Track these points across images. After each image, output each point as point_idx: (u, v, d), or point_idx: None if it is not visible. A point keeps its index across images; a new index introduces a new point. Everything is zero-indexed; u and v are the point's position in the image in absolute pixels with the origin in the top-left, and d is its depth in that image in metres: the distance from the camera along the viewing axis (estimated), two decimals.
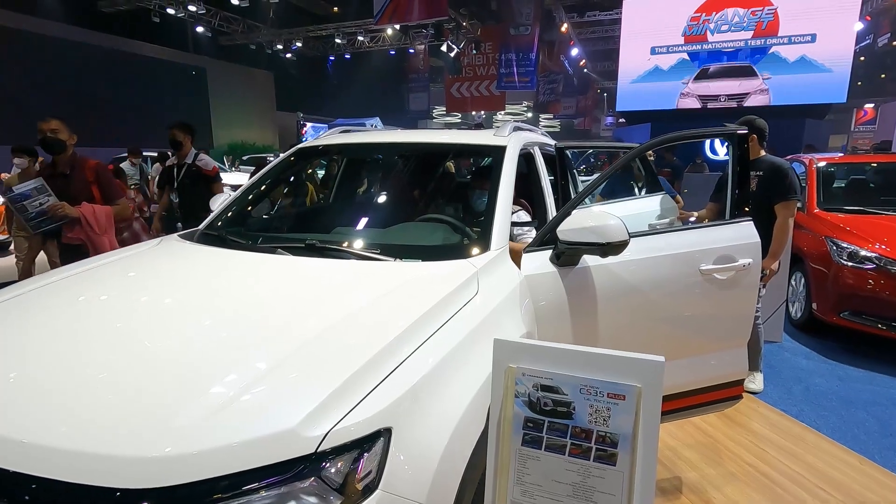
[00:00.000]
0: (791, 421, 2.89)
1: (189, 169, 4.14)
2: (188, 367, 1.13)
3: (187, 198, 4.17)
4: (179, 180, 4.15)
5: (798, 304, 4.37)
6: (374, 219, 2.37)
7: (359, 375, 1.08)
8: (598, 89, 28.78)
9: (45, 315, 1.44)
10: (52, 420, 1.01)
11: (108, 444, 0.95)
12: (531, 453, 1.00)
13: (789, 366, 3.66)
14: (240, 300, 1.46)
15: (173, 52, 17.95)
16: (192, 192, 4.13)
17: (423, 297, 1.39)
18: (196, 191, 4.09)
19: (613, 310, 1.92)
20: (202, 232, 2.12)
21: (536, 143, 2.49)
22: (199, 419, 0.98)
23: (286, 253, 1.77)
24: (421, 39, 18.85)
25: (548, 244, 1.85)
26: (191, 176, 4.14)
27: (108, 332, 1.31)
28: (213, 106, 19.52)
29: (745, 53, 12.52)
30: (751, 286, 2.09)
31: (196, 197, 4.03)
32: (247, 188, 2.45)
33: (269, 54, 19.67)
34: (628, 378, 0.93)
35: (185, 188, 4.16)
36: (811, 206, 4.47)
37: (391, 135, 2.83)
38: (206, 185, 4.12)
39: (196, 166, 4.13)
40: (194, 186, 4.13)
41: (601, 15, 18.47)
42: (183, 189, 4.16)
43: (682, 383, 2.12)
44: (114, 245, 2.93)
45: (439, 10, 12.96)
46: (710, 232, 2.14)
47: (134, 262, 1.85)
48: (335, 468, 0.96)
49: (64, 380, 1.12)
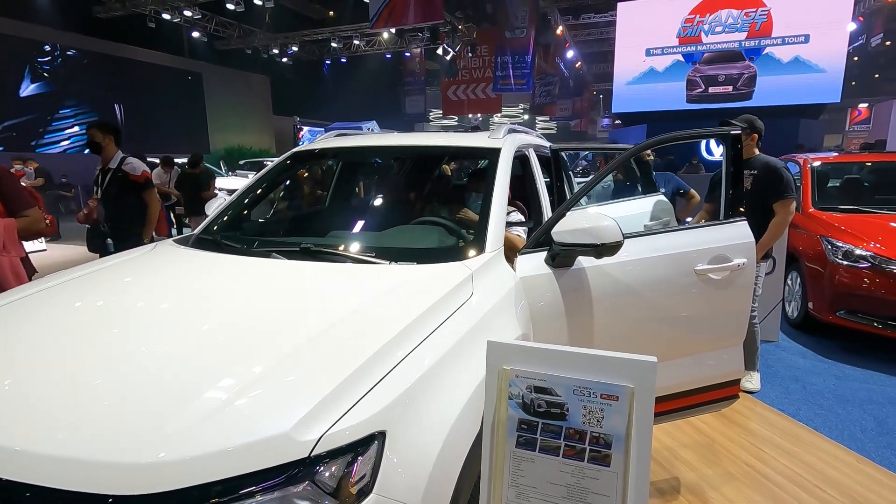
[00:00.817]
0: (788, 420, 2.89)
1: (114, 175, 3.56)
2: (181, 372, 1.13)
3: (113, 209, 3.62)
4: (104, 188, 3.58)
5: (794, 303, 4.38)
6: (369, 222, 2.37)
7: (353, 379, 1.08)
8: (594, 91, 28.90)
9: (38, 321, 1.43)
10: (45, 427, 1.00)
11: (101, 451, 0.95)
12: (525, 455, 1.00)
13: (786, 365, 3.67)
14: (234, 305, 1.46)
15: (169, 56, 17.98)
16: (118, 202, 3.60)
17: (418, 299, 1.39)
18: (124, 201, 3.59)
19: (609, 311, 1.92)
20: (197, 236, 2.12)
21: (531, 145, 2.50)
22: (193, 424, 0.98)
23: (281, 257, 1.77)
24: (417, 43, 18.90)
25: (543, 246, 1.85)
26: (117, 183, 3.56)
27: (102, 338, 1.30)
28: (209, 110, 19.54)
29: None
30: (746, 286, 2.09)
31: (124, 208, 3.59)
32: (242, 192, 2.45)
33: (265, 58, 19.69)
34: (621, 379, 0.93)
35: (110, 198, 3.59)
36: (806, 206, 4.49)
37: (387, 138, 2.84)
38: (136, 194, 3.60)
39: (122, 171, 3.56)
40: (121, 196, 3.59)
41: (596, 17, 18.56)
42: (108, 199, 3.59)
43: (679, 383, 2.13)
44: (14, 267, 2.28)
45: (435, 13, 12.99)
46: (705, 232, 2.15)
47: (128, 268, 1.85)
48: (329, 472, 0.95)
49: (57, 386, 1.11)
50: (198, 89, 19.22)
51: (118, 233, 3.62)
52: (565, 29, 18.74)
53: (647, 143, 2.16)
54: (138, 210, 3.66)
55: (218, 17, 16.98)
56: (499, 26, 17.71)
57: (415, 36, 18.42)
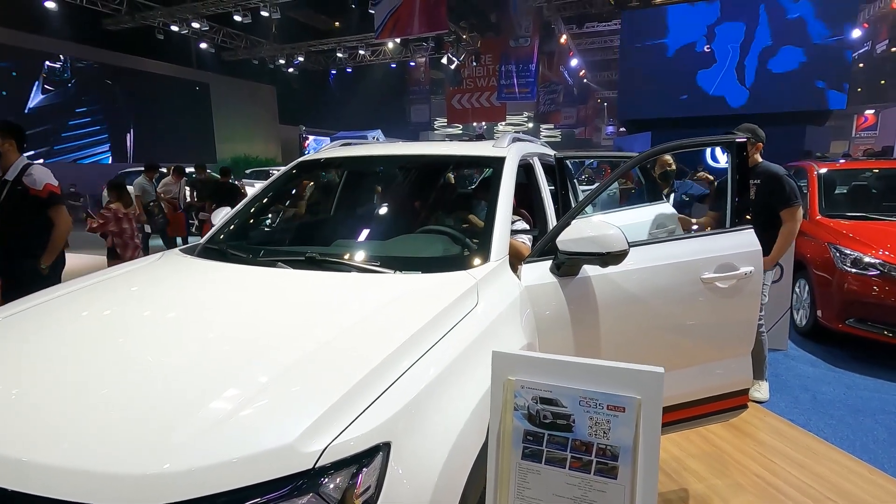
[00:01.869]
0: (798, 430, 2.85)
1: (13, 188, 2.94)
2: (186, 383, 1.13)
3: (9, 226, 2.96)
4: (0, 202, 2.96)
5: (803, 311, 4.34)
6: (374, 231, 2.37)
7: (358, 389, 1.07)
8: (598, 99, 28.95)
9: (46, 331, 1.44)
10: (50, 438, 1.01)
11: (106, 462, 0.95)
12: (531, 467, 0.99)
13: (795, 374, 3.63)
14: (240, 314, 1.46)
15: (177, 67, 18.22)
16: (15, 220, 2.96)
17: (423, 309, 1.39)
18: (23, 219, 2.96)
19: (615, 320, 1.91)
20: (204, 246, 2.13)
21: (536, 154, 2.50)
22: (198, 435, 0.97)
23: (287, 266, 1.78)
24: (421, 52, 19.05)
25: (548, 254, 1.85)
26: (15, 198, 2.94)
27: (109, 348, 1.31)
28: (216, 120, 19.74)
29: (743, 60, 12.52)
30: (753, 294, 2.07)
31: (23, 228, 2.97)
32: (248, 201, 2.46)
33: (271, 69, 19.90)
34: (628, 390, 0.92)
35: (6, 213, 2.95)
36: (813, 213, 4.46)
37: (391, 147, 2.85)
38: (37, 210, 2.98)
39: (22, 184, 2.93)
40: (19, 213, 2.95)
41: (600, 26, 18.64)
42: (4, 214, 2.95)
43: (687, 393, 2.11)
44: None
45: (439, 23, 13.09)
46: (711, 240, 2.14)
47: (135, 278, 1.86)
48: (334, 484, 0.95)
49: (62, 397, 1.12)
50: (205, 99, 19.44)
51: (10, 257, 2.99)
52: (569, 38, 18.82)
53: (653, 151, 2.16)
54: (40, 230, 3.03)
55: (225, 29, 17.21)
56: (503, 35, 17.83)
57: (420, 46, 18.58)
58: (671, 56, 13.31)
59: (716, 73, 12.41)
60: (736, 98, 12.28)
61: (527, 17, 17.02)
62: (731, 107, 12.18)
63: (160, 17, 15.01)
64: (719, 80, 12.40)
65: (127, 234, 4.95)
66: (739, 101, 12.20)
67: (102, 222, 4.84)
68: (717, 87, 12.42)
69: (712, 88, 12.46)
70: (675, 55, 13.15)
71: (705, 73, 12.65)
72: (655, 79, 13.57)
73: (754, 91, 12.09)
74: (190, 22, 15.14)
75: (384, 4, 13.00)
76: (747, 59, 12.06)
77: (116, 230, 4.88)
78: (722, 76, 12.35)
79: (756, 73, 12.04)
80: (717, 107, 12.35)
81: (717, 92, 12.42)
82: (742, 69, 12.14)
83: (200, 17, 15.18)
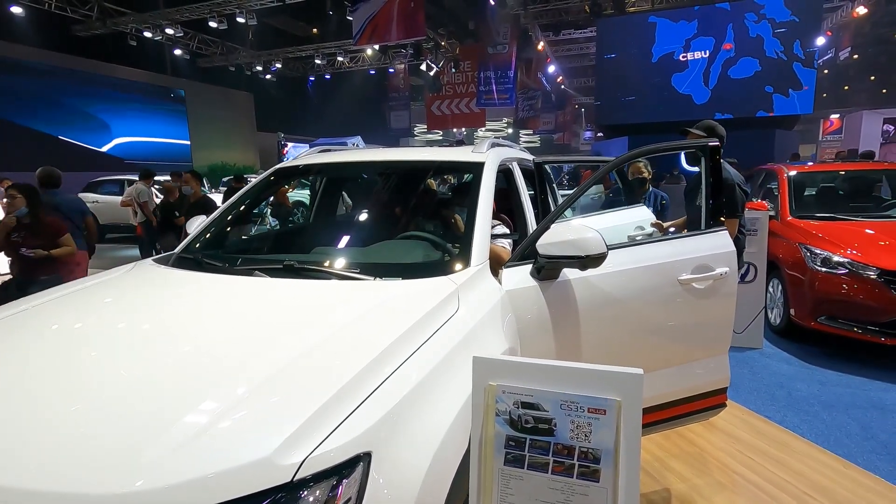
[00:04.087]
0: (775, 427, 2.91)
1: None
2: (159, 397, 1.10)
3: None
4: None
5: (777, 310, 4.45)
6: (353, 237, 2.35)
7: (337, 399, 1.05)
8: (576, 104, 29.37)
9: (11, 346, 1.38)
10: (18, 458, 0.96)
11: (76, 483, 0.91)
12: (514, 472, 0.99)
13: (771, 372, 3.71)
14: (214, 325, 1.43)
15: (151, 74, 17.86)
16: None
17: (403, 315, 1.38)
18: None
19: (595, 322, 1.92)
20: (178, 255, 2.08)
21: (515, 159, 2.52)
22: (171, 451, 0.94)
23: (264, 275, 1.74)
24: (400, 59, 19.08)
25: (528, 258, 1.85)
26: None
27: (77, 363, 1.26)
28: (192, 128, 19.40)
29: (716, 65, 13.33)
30: (728, 294, 2.11)
31: None
32: (224, 209, 2.42)
33: (248, 75, 19.69)
34: (608, 392, 0.93)
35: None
36: (784, 214, 4.59)
37: (370, 153, 2.84)
38: None
39: None
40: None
41: (576, 33, 18.96)
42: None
43: (666, 393, 2.13)
44: None
45: (417, 30, 13.13)
46: (687, 242, 2.18)
47: (106, 289, 1.80)
48: (313, 497, 0.93)
49: (30, 415, 1.07)
50: (180, 106, 19.10)
51: None
52: (546, 45, 19.09)
53: (628, 155, 2.19)
54: None
55: (200, 35, 16.97)
56: (481, 42, 17.97)
57: (398, 52, 18.61)
58: (647, 63, 13.91)
59: (686, 77, 13.78)
60: (699, 97, 13.72)
61: (504, 24, 17.21)
62: (696, 104, 13.52)
63: (132, 22, 14.72)
64: (688, 83, 13.79)
65: None
66: (702, 100, 13.63)
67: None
68: (685, 88, 13.84)
69: (682, 89, 13.81)
70: (651, 63, 13.90)
71: (679, 78, 13.87)
72: (632, 85, 14.14)
73: (715, 93, 13.52)
74: (164, 28, 14.88)
75: (362, 11, 12.99)
76: (713, 66, 13.53)
77: None
78: (690, 80, 13.75)
79: (718, 78, 13.48)
80: (688, 110, 13.33)
81: (686, 91, 13.79)
82: (707, 74, 13.58)
83: (174, 24, 14.93)
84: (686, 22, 13.60)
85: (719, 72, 13.38)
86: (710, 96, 13.52)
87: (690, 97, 13.67)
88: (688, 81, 13.70)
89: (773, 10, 12.76)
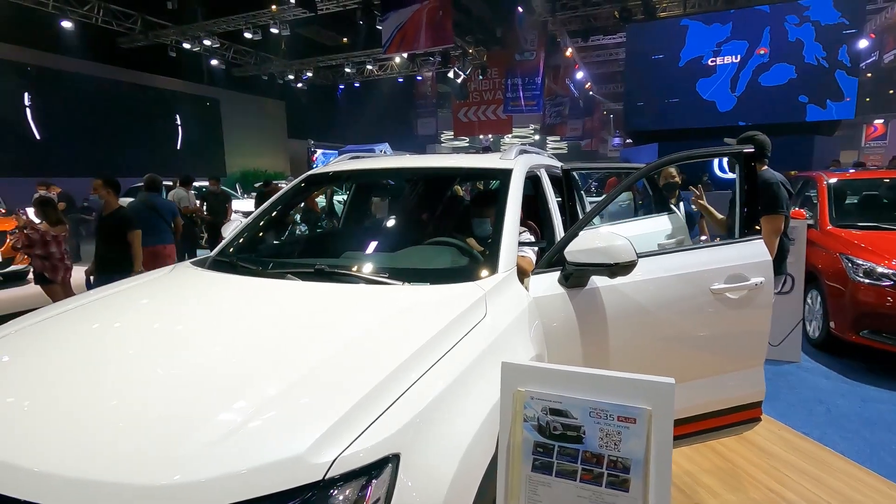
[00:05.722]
0: (813, 444, 2.80)
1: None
2: (195, 394, 1.14)
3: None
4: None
5: (815, 322, 4.28)
6: (382, 243, 2.38)
7: (367, 401, 1.07)
8: (605, 111, 29.02)
9: (59, 343, 1.46)
10: (63, 448, 1.02)
11: (117, 473, 0.95)
12: (542, 479, 0.98)
13: (809, 386, 3.57)
14: (248, 326, 1.47)
15: (189, 84, 18.53)
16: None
17: (431, 320, 1.39)
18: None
19: (624, 331, 1.90)
20: (214, 258, 2.15)
21: (543, 166, 2.51)
22: (207, 446, 0.98)
23: (296, 278, 1.79)
24: (428, 67, 19.25)
25: (556, 266, 1.84)
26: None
27: (120, 360, 1.32)
28: (226, 135, 20.01)
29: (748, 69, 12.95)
30: (764, 305, 2.06)
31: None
32: (258, 214, 2.49)
33: (280, 84, 20.19)
34: (638, 400, 0.92)
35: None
36: (824, 223, 4.42)
37: (399, 160, 2.88)
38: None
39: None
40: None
41: (605, 39, 18.76)
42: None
43: (698, 405, 2.08)
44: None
45: (445, 38, 13.25)
46: (721, 251, 2.13)
47: (146, 290, 1.88)
48: (343, 495, 0.95)
49: (75, 408, 1.13)
50: (215, 115, 19.76)
51: None
52: (574, 51, 18.95)
53: (659, 163, 2.16)
54: None
55: (236, 46, 17.52)
56: (509, 49, 17.99)
57: (426, 60, 18.78)
58: (678, 68, 13.59)
59: (712, 83, 13.28)
60: (724, 104, 13.21)
61: (532, 31, 17.19)
62: (720, 111, 13.07)
63: (173, 35, 15.32)
64: (713, 90, 13.28)
65: (55, 256, 4.37)
66: (726, 108, 13.14)
67: (27, 244, 4.30)
68: (709, 94, 13.32)
69: (707, 95, 13.31)
70: (681, 67, 13.55)
71: (704, 84, 13.36)
72: (659, 91, 13.86)
73: (741, 101, 12.98)
74: (202, 39, 15.44)
75: (391, 20, 13.19)
76: (742, 72, 12.97)
77: (43, 252, 4.33)
78: (716, 86, 13.24)
79: (747, 85, 12.93)
80: (712, 117, 12.97)
81: (710, 98, 13.31)
82: (735, 81, 13.05)
83: (212, 35, 15.48)
84: (720, 25, 13.06)
85: (748, 78, 12.83)
86: (735, 104, 12.99)
87: (714, 104, 13.20)
88: (713, 87, 13.21)
89: (820, 12, 11.94)
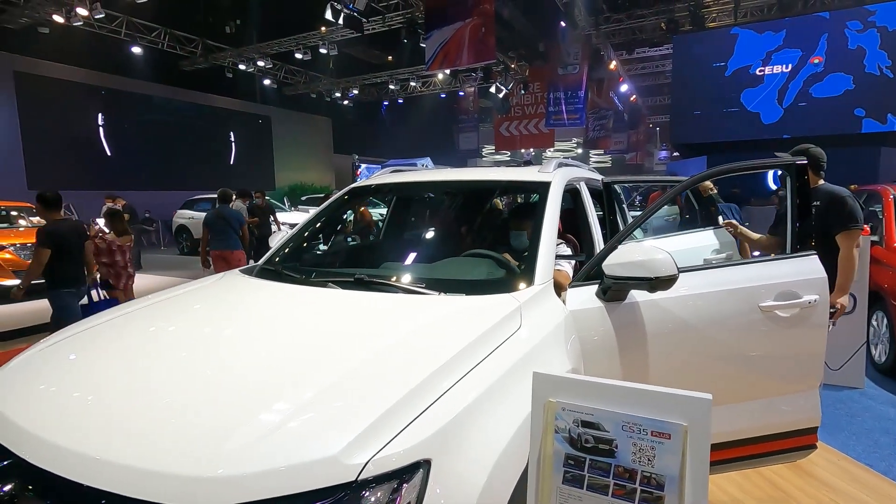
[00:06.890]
0: (878, 477, 2.59)
1: None
2: (241, 393, 1.20)
3: None
4: None
5: (881, 346, 3.98)
6: (420, 254, 2.43)
7: (400, 406, 1.10)
8: (650, 124, 28.34)
9: (118, 343, 1.57)
10: (117, 438, 1.10)
11: (166, 463, 1.02)
12: (573, 492, 0.97)
13: (874, 415, 3.31)
14: (291, 331, 1.54)
15: (243, 102, 19.56)
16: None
17: (466, 330, 1.41)
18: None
19: (665, 347, 1.84)
20: (261, 267, 2.26)
21: (582, 179, 2.50)
22: (250, 443, 1.03)
23: (336, 287, 1.85)
24: (470, 82, 19.46)
25: (594, 279, 1.82)
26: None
27: (172, 360, 1.41)
28: (276, 150, 20.94)
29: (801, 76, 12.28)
30: (819, 325, 1.94)
31: None
32: (302, 226, 2.59)
33: (327, 101, 20.95)
34: (673, 416, 0.90)
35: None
36: (891, 240, 4.13)
37: (439, 173, 2.93)
38: None
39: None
40: None
41: (651, 51, 18.41)
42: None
43: (746, 428, 1.98)
44: None
45: (488, 54, 13.37)
46: (770, 267, 2.04)
47: (198, 295, 1.99)
48: (375, 497, 0.97)
49: (132, 402, 1.22)
50: (266, 131, 20.73)
51: None
52: (619, 64, 18.68)
53: (705, 174, 2.10)
54: None
55: (287, 66, 18.36)
56: (551, 63, 17.93)
57: (468, 76, 19.00)
58: (726, 79, 13.10)
59: (758, 94, 12.56)
60: (769, 116, 12.45)
61: (575, 44, 17.09)
62: (764, 123, 12.30)
63: (230, 57, 16.25)
64: (758, 101, 12.52)
65: (119, 264, 4.68)
66: (771, 119, 12.39)
67: (95, 252, 4.53)
68: (754, 105, 12.57)
69: (751, 106, 12.60)
70: (729, 78, 13.02)
71: (749, 94, 12.63)
72: (704, 102, 13.38)
73: (788, 113, 12.17)
74: (256, 60, 16.29)
75: (434, 38, 13.46)
76: (792, 82, 12.20)
77: (108, 261, 4.64)
78: (763, 97, 12.48)
79: (796, 97, 12.12)
80: (756, 129, 12.29)
81: (754, 109, 12.57)
82: (784, 91, 12.28)
83: (265, 56, 16.30)
84: (772, 33, 12.39)
85: (799, 88, 12.01)
86: (780, 115, 12.21)
87: (758, 115, 12.46)
88: (759, 98, 12.45)
89: (888, 17, 11.05)
